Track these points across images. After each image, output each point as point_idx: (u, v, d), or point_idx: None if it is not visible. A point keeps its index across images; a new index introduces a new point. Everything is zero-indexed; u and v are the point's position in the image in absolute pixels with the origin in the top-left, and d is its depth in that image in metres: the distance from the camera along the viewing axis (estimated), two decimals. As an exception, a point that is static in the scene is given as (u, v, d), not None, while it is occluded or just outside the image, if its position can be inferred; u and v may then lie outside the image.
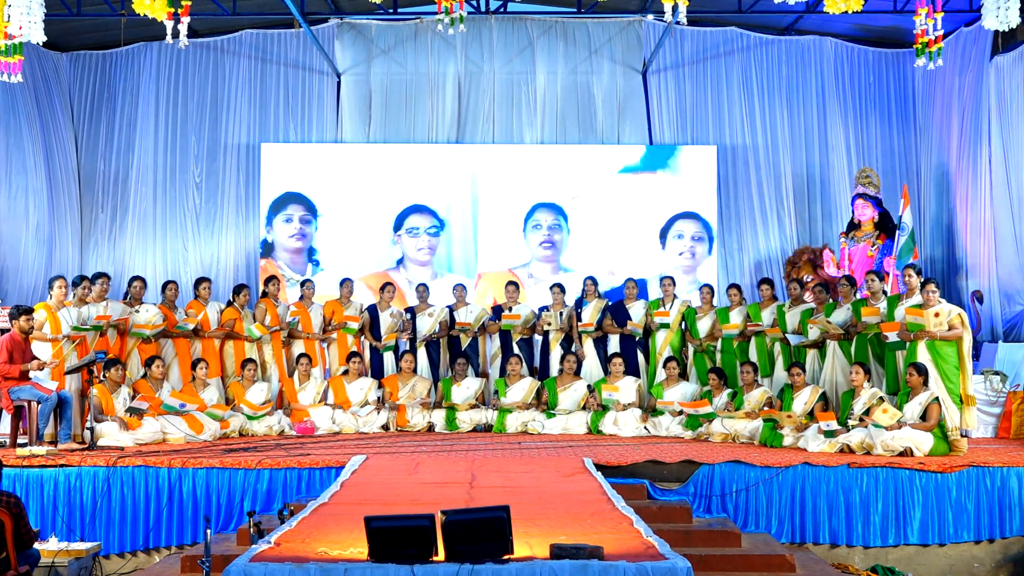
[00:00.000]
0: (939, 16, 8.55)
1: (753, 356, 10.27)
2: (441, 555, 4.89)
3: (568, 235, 13.16)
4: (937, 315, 8.60)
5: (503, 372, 10.72)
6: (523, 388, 10.42)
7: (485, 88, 13.36)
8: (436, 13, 8.45)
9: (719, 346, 10.51)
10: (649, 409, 10.21)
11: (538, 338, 11.08)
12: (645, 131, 13.35)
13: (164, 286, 10.45)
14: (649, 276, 12.71)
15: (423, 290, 11.28)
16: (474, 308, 11.15)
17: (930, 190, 13.00)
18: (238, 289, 10.77)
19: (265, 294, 11.01)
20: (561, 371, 10.55)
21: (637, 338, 10.78)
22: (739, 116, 13.38)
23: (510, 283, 11.30)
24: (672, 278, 11.08)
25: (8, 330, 9.16)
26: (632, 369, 10.59)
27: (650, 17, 13.17)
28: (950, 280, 12.46)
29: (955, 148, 12.41)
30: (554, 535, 5.27)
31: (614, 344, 10.80)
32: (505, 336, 11.00)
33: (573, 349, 10.77)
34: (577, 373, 10.56)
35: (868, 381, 8.96)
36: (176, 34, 8.53)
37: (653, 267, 12.88)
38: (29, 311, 8.98)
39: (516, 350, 10.87)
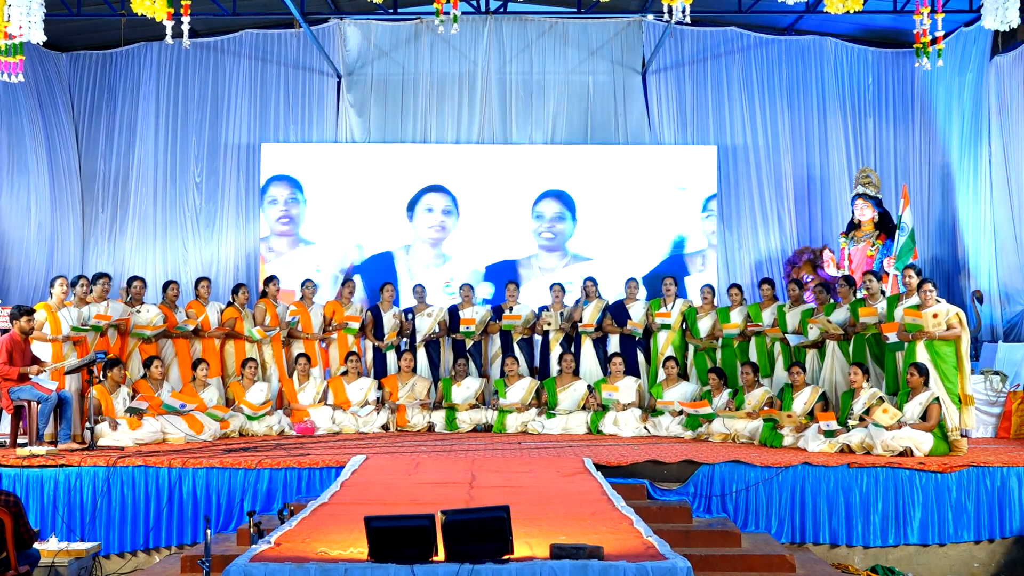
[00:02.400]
0: (939, 16, 8.54)
1: (753, 356, 10.27)
2: (441, 555, 4.89)
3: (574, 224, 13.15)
4: (935, 315, 8.61)
5: (503, 372, 10.72)
6: (523, 388, 10.42)
7: (485, 88, 13.35)
8: (435, 14, 8.44)
9: (720, 345, 10.51)
10: (649, 409, 10.21)
11: (538, 338, 11.08)
12: (645, 131, 13.34)
13: (165, 286, 10.45)
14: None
15: (420, 291, 11.27)
16: (479, 308, 11.14)
17: (933, 190, 12.99)
18: (237, 288, 10.78)
19: (265, 294, 11.02)
20: (560, 371, 10.56)
21: (637, 338, 10.78)
22: (739, 116, 13.37)
23: (510, 283, 11.30)
24: (674, 278, 11.09)
25: (8, 330, 9.17)
26: (632, 369, 10.59)
27: (650, 17, 13.16)
28: (953, 280, 12.46)
29: (956, 148, 12.42)
30: (554, 535, 5.27)
31: (614, 344, 10.80)
32: (505, 336, 11.01)
33: (572, 320, 10.76)
34: (577, 373, 10.56)
35: (867, 381, 8.97)
36: (178, 34, 8.53)
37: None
38: (30, 312, 8.98)
39: (516, 350, 10.87)
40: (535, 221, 13.13)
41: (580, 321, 10.78)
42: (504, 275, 12.55)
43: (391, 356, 11.01)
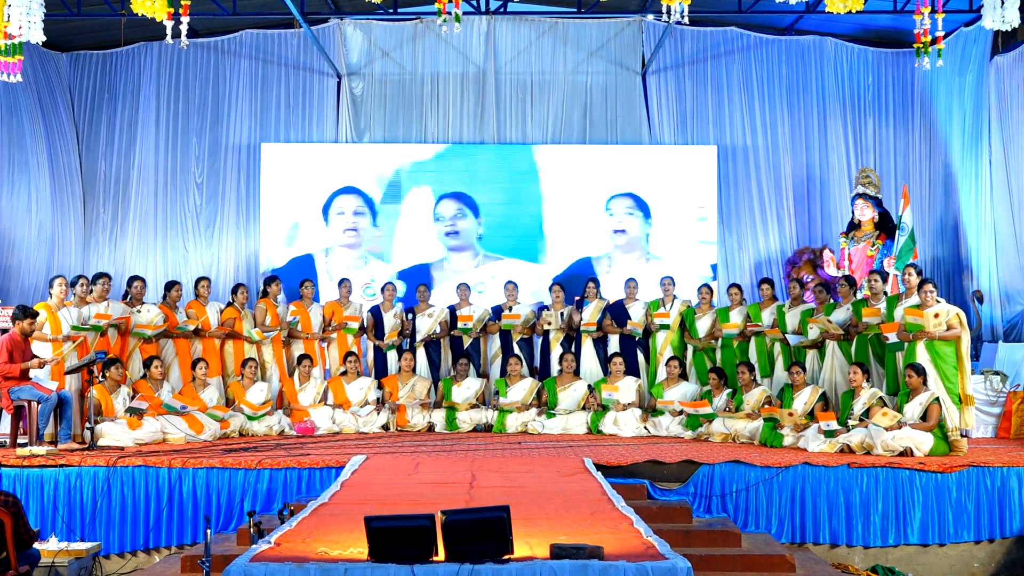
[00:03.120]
0: (940, 16, 8.53)
1: (753, 356, 10.27)
2: (441, 555, 4.89)
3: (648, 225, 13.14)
4: (936, 315, 8.60)
5: (503, 372, 10.73)
6: (523, 388, 10.42)
7: (485, 88, 13.34)
8: (437, 13, 8.43)
9: (719, 345, 10.52)
10: (649, 409, 10.21)
11: (538, 338, 11.08)
12: (645, 131, 13.34)
13: (168, 287, 10.44)
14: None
15: (424, 290, 11.28)
16: (477, 307, 11.14)
17: (934, 190, 12.99)
18: (236, 288, 10.78)
19: (265, 294, 11.02)
20: (561, 371, 10.56)
21: (637, 338, 10.78)
22: (739, 116, 13.36)
23: (509, 283, 11.31)
24: (672, 278, 11.08)
25: (8, 330, 9.17)
26: (632, 369, 10.60)
27: (650, 17, 13.16)
28: (953, 280, 12.46)
29: (957, 148, 12.42)
30: (554, 535, 5.27)
31: (614, 344, 10.81)
32: (505, 336, 11.01)
33: (571, 322, 10.75)
34: (577, 373, 10.56)
35: (867, 381, 8.97)
36: (176, 34, 8.52)
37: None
38: (35, 315, 8.96)
39: (516, 350, 10.88)
40: (436, 223, 13.09)
41: (581, 321, 10.79)
42: (417, 278, 12.52)
43: (392, 356, 11.01)
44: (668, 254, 12.97)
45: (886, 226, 11.05)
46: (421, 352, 10.99)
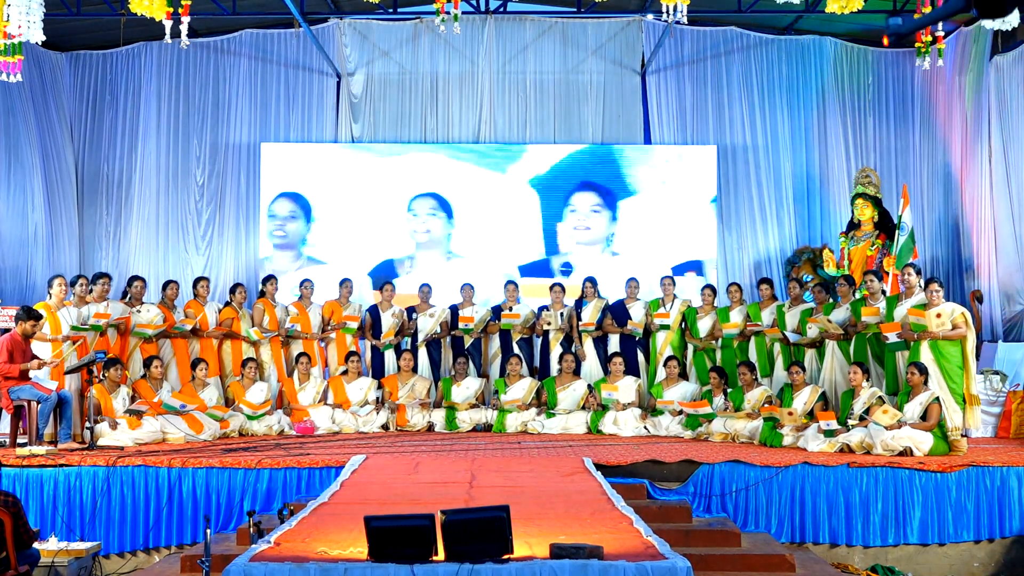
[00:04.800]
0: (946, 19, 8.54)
1: (753, 356, 10.27)
2: (441, 555, 4.89)
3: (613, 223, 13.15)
4: (939, 315, 8.60)
5: (503, 372, 10.73)
6: (523, 388, 10.42)
7: (484, 88, 13.35)
8: (436, 13, 8.44)
9: (719, 345, 10.52)
10: (649, 409, 10.22)
11: (538, 338, 11.08)
12: (644, 131, 13.34)
13: (165, 286, 10.46)
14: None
15: (426, 290, 11.28)
16: (479, 308, 11.14)
17: (934, 190, 12.98)
18: (234, 288, 10.79)
19: (263, 294, 11.02)
20: (560, 371, 10.56)
21: (637, 338, 10.78)
22: (739, 116, 13.36)
23: (509, 282, 11.31)
24: (672, 278, 11.10)
25: (7, 330, 9.16)
26: (632, 369, 10.60)
27: (650, 17, 13.16)
28: (955, 280, 12.46)
29: (958, 148, 12.42)
30: (554, 535, 5.27)
31: (614, 344, 10.81)
32: (505, 336, 11.01)
33: (573, 349, 10.78)
34: (576, 373, 10.57)
35: (867, 381, 8.96)
36: (176, 34, 8.53)
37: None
38: (38, 316, 8.95)
39: (516, 350, 10.88)
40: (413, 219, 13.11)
41: (580, 321, 10.79)
42: (384, 275, 12.55)
43: (389, 356, 11.02)
44: (672, 253, 12.98)
45: (886, 226, 11.05)
46: (423, 352, 10.99)
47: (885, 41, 11.69)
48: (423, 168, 13.15)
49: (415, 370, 10.78)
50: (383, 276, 12.47)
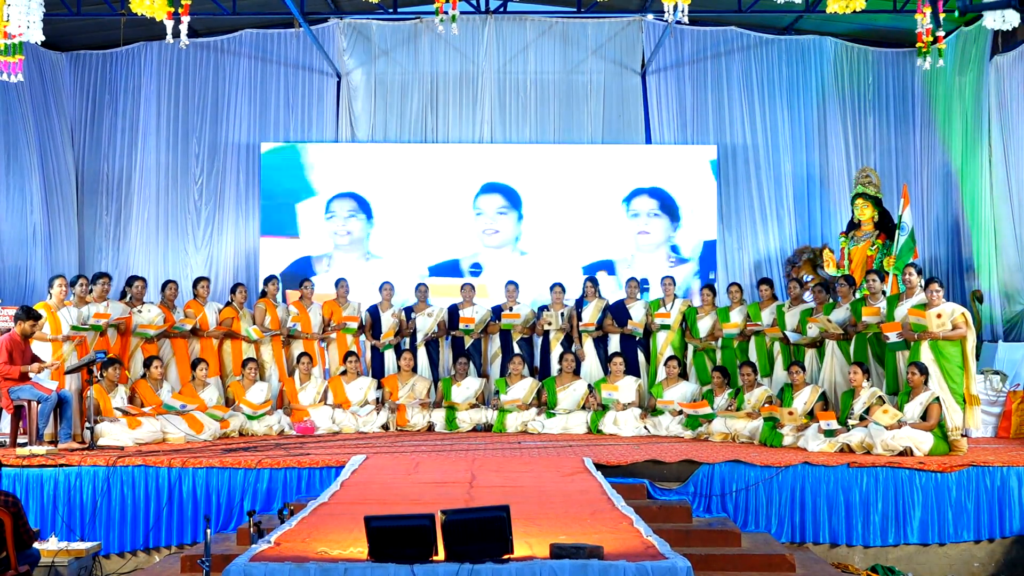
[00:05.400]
0: (941, 16, 8.53)
1: (753, 356, 10.27)
2: (441, 555, 4.89)
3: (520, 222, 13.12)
4: (939, 316, 8.60)
5: (503, 372, 10.73)
6: (523, 388, 10.42)
7: (484, 88, 13.35)
8: (435, 13, 8.44)
9: (719, 345, 10.52)
10: (649, 409, 10.22)
11: (538, 338, 11.08)
12: (645, 131, 13.34)
13: (164, 286, 10.46)
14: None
15: (423, 290, 11.28)
16: (480, 308, 11.14)
17: (933, 190, 12.98)
18: (235, 288, 10.79)
19: (264, 294, 11.02)
20: (560, 371, 10.56)
21: (637, 338, 10.78)
22: (739, 116, 13.36)
23: (510, 283, 11.31)
24: (672, 278, 11.10)
25: (7, 330, 9.16)
26: (632, 369, 10.60)
27: (650, 17, 13.16)
28: (955, 280, 12.46)
29: (958, 147, 12.41)
30: (554, 535, 5.27)
31: (614, 344, 10.81)
32: (505, 336, 11.01)
33: (573, 349, 10.78)
34: (577, 373, 10.57)
35: (867, 381, 8.96)
36: (176, 34, 8.52)
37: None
38: (37, 316, 8.95)
39: (517, 350, 10.88)
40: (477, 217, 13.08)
41: (580, 321, 10.79)
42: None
43: (389, 356, 11.02)
44: (583, 253, 12.97)
45: (886, 226, 11.05)
46: (421, 352, 10.99)
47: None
48: (424, 168, 13.14)
49: (415, 370, 10.78)
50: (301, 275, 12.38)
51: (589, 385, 10.38)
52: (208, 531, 5.60)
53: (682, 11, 8.24)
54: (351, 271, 12.50)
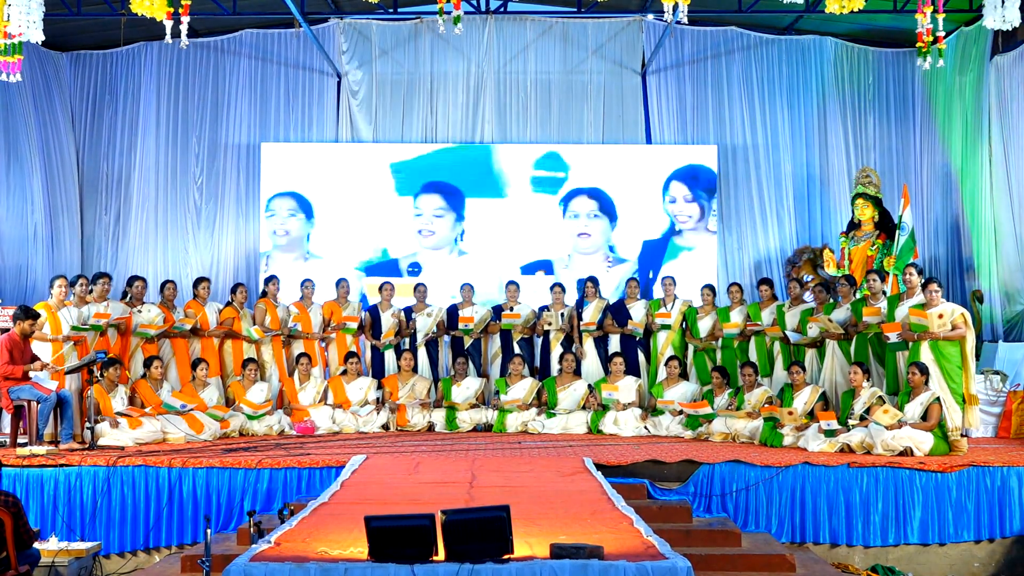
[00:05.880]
0: (941, 17, 8.53)
1: (753, 356, 10.27)
2: (441, 555, 4.89)
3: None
4: (940, 315, 8.60)
5: (504, 372, 10.73)
6: (523, 388, 10.42)
7: (485, 88, 13.34)
8: (436, 13, 8.43)
9: (719, 345, 10.52)
10: (649, 408, 10.22)
11: (538, 338, 11.08)
12: (645, 131, 13.34)
13: (163, 285, 10.46)
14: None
15: (422, 290, 11.28)
16: (479, 308, 11.14)
17: (933, 190, 12.98)
18: (235, 288, 10.79)
19: (264, 294, 11.02)
20: (560, 371, 10.56)
21: (638, 338, 10.78)
22: (739, 116, 13.36)
23: (510, 283, 11.31)
24: (672, 278, 11.09)
25: (7, 330, 9.15)
26: (633, 369, 10.60)
27: (650, 17, 13.16)
28: (954, 280, 12.45)
29: (958, 147, 12.41)
30: (554, 535, 5.27)
31: (615, 344, 10.81)
32: (506, 336, 11.01)
33: (573, 349, 10.77)
34: (577, 373, 10.57)
35: (867, 381, 8.96)
36: (176, 34, 8.52)
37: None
38: (36, 315, 8.95)
39: (517, 350, 10.88)
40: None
41: (581, 321, 10.79)
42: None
43: (389, 356, 11.02)
44: (521, 253, 12.99)
45: (886, 226, 11.05)
46: (421, 352, 10.99)
47: None
48: (424, 167, 13.13)
49: (415, 370, 10.78)
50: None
51: (589, 385, 10.38)
52: (208, 531, 5.61)
53: (682, 11, 8.24)
54: (287, 271, 12.51)
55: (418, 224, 13.05)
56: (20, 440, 8.72)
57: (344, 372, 10.64)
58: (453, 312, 11.08)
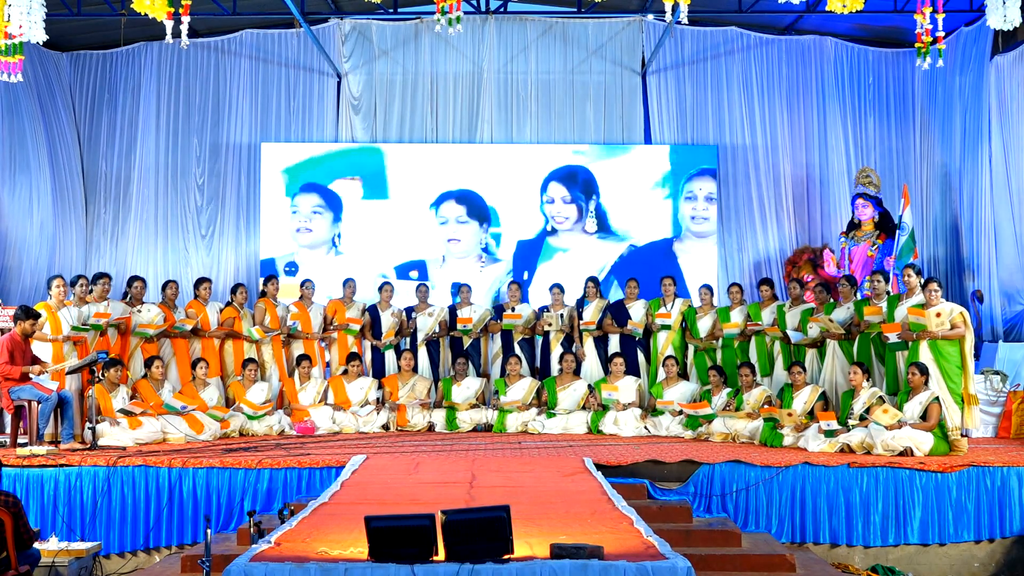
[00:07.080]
0: (941, 17, 8.53)
1: (753, 356, 10.27)
2: (441, 555, 4.89)
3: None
4: (939, 315, 8.60)
5: (503, 372, 10.73)
6: (523, 388, 10.42)
7: (485, 88, 13.35)
8: (436, 13, 8.43)
9: (720, 345, 10.52)
10: (649, 409, 10.22)
11: (539, 338, 11.08)
12: (645, 131, 13.35)
13: (164, 286, 10.46)
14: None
15: (424, 290, 11.28)
16: (478, 308, 11.14)
17: (933, 190, 12.99)
18: (235, 288, 10.79)
19: (264, 294, 11.02)
20: (561, 371, 10.56)
21: (637, 338, 10.78)
22: (739, 116, 13.36)
23: (512, 282, 11.31)
24: (672, 277, 11.10)
25: (7, 330, 9.15)
26: (632, 369, 10.60)
27: (650, 17, 13.16)
28: (954, 280, 12.45)
29: (958, 147, 12.41)
30: (554, 535, 5.27)
31: (615, 344, 10.81)
32: (506, 336, 11.01)
33: (573, 349, 10.77)
34: (577, 373, 10.57)
35: (868, 381, 8.96)
36: (176, 34, 8.52)
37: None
38: (36, 315, 8.95)
39: (517, 350, 10.88)
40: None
41: (581, 321, 10.79)
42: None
43: (389, 356, 11.02)
44: (395, 253, 13.02)
45: (886, 226, 11.06)
46: (423, 352, 10.99)
47: None
48: (424, 168, 13.13)
49: (415, 370, 10.78)
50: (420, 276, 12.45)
51: (589, 385, 10.38)
52: (208, 531, 5.61)
53: (682, 11, 8.25)
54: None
55: (295, 223, 13.05)
56: (20, 440, 8.72)
57: (345, 372, 10.64)
58: (454, 312, 11.08)
